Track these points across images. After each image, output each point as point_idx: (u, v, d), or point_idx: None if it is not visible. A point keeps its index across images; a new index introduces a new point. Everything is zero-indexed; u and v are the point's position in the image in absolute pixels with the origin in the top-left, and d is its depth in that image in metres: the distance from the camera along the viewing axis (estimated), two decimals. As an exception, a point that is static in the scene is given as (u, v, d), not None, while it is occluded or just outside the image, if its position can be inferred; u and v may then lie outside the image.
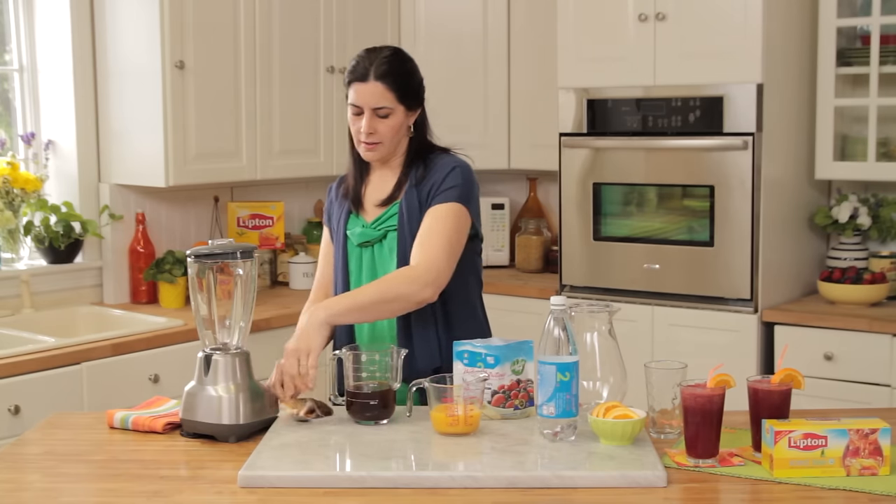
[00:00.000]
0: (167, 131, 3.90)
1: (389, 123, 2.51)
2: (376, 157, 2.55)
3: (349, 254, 2.61)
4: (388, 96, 2.49)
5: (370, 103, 2.49)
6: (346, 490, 1.93)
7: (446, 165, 2.54)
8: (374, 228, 2.57)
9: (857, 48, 4.03)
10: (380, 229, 2.56)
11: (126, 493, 1.96)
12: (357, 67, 2.51)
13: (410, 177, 2.55)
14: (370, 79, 2.48)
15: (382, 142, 2.52)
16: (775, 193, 3.91)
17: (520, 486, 1.93)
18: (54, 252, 3.97)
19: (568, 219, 4.23)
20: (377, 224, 2.57)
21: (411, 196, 2.53)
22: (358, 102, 2.50)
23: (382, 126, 2.50)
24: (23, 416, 3.20)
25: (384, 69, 2.49)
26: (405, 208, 2.52)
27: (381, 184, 2.61)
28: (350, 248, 2.60)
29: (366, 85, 2.48)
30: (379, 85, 2.48)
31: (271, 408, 2.29)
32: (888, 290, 3.91)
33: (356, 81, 2.50)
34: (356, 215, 2.61)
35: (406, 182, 2.56)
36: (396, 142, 2.55)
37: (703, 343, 3.85)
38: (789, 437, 1.95)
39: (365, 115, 2.50)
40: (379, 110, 2.49)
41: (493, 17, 4.69)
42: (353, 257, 2.60)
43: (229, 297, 2.28)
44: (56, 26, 4.02)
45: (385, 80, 2.48)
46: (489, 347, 2.29)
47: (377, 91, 2.48)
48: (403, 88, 2.51)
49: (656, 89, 3.99)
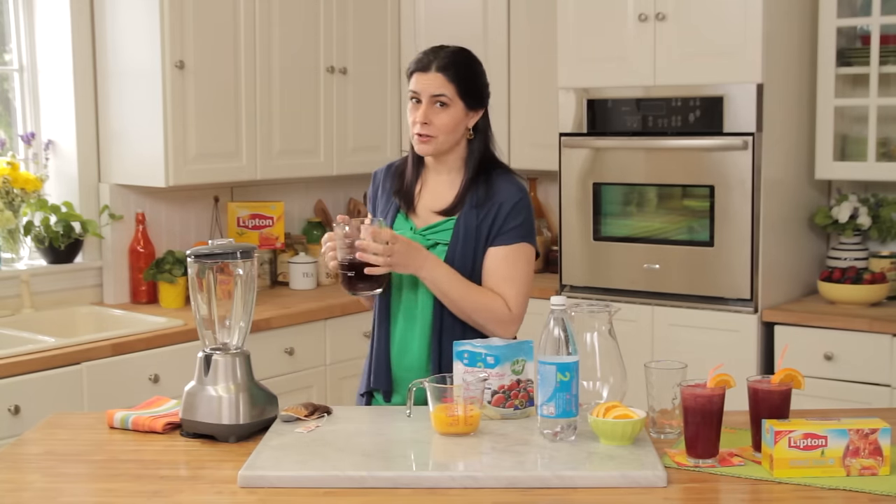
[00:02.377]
0: (167, 131, 3.90)
1: (446, 117, 2.48)
2: (430, 150, 2.51)
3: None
4: (449, 87, 2.47)
5: (429, 90, 2.47)
6: (346, 490, 1.93)
7: (512, 195, 2.51)
8: (423, 236, 2.52)
9: (857, 48, 4.03)
10: (430, 239, 2.52)
11: (126, 493, 1.96)
12: (421, 59, 2.51)
13: (471, 195, 2.51)
14: (431, 70, 2.48)
15: (437, 136, 2.48)
16: (775, 193, 3.91)
17: (520, 486, 1.93)
18: (54, 252, 3.97)
19: (568, 219, 4.23)
20: (427, 232, 2.52)
21: (470, 217, 2.49)
22: (417, 89, 2.48)
23: (438, 118, 2.47)
24: (23, 416, 3.20)
25: (447, 62, 2.48)
26: (462, 228, 2.49)
27: (438, 190, 2.56)
28: None
29: (426, 75, 2.48)
30: (439, 76, 2.47)
31: (271, 408, 2.29)
32: (888, 290, 3.91)
33: (418, 72, 2.49)
34: (405, 217, 2.56)
35: (466, 197, 2.51)
36: (453, 140, 2.51)
37: (703, 343, 3.85)
38: (789, 437, 1.95)
39: (423, 103, 2.48)
40: (438, 97, 2.47)
41: (493, 17, 4.69)
42: None
43: (229, 297, 2.28)
44: (56, 26, 4.02)
45: (447, 72, 2.48)
46: (489, 347, 2.28)
47: (437, 80, 2.47)
48: (465, 83, 2.49)
49: (656, 89, 3.99)
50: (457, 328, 2.48)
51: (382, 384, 2.53)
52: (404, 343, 2.53)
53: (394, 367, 2.53)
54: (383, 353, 2.53)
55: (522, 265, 2.51)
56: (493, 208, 2.49)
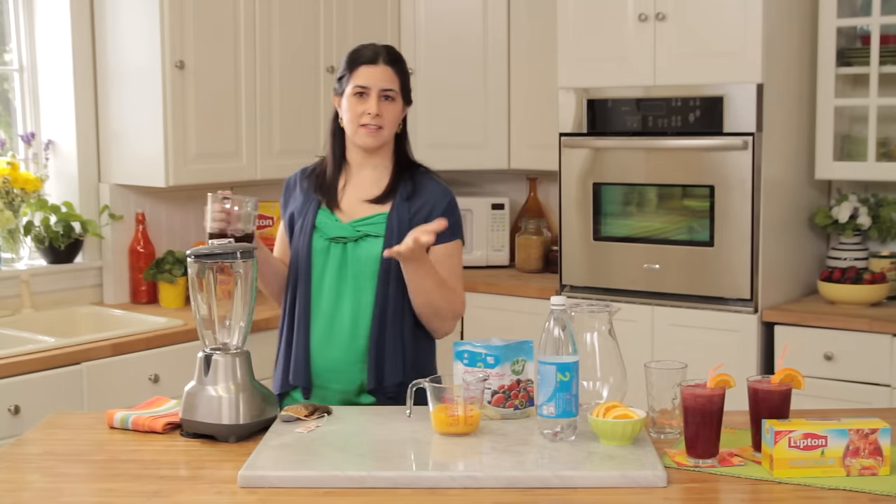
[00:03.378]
0: (167, 131, 3.90)
1: (394, 109, 2.53)
2: (377, 142, 2.54)
3: (314, 247, 2.56)
4: (395, 81, 2.53)
5: (379, 84, 2.51)
6: (346, 490, 1.93)
7: (442, 195, 2.57)
8: (353, 227, 2.54)
9: (857, 48, 4.03)
10: (359, 231, 2.53)
11: (126, 493, 1.96)
12: (365, 52, 2.54)
13: (400, 189, 2.55)
14: (380, 62, 2.52)
15: (385, 127, 2.53)
16: (775, 193, 3.91)
17: (520, 486, 1.93)
18: (54, 252, 3.97)
19: (568, 219, 4.23)
20: (357, 224, 2.54)
21: (402, 210, 2.53)
22: (367, 83, 2.50)
23: (387, 111, 2.52)
24: (23, 416, 3.20)
25: (393, 56, 2.55)
26: (396, 221, 2.51)
27: (365, 184, 2.59)
28: (317, 240, 2.55)
29: (376, 67, 2.51)
30: (388, 69, 2.52)
31: (271, 408, 2.29)
32: (888, 290, 3.91)
33: (365, 64, 2.52)
34: (330, 212, 2.58)
35: (398, 187, 2.55)
36: (393, 133, 2.57)
37: (703, 343, 3.85)
38: (789, 437, 1.95)
39: (373, 96, 2.50)
40: (387, 91, 2.51)
41: (493, 17, 4.69)
42: (319, 250, 2.55)
43: (229, 297, 2.28)
44: (56, 26, 4.02)
45: (394, 66, 2.54)
46: (489, 347, 2.29)
47: (387, 74, 2.52)
48: (405, 79, 2.57)
49: (656, 89, 3.99)
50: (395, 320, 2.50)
51: (301, 381, 2.54)
52: (328, 339, 2.53)
53: (315, 364, 2.54)
54: (302, 350, 2.54)
55: (459, 261, 2.58)
56: (426, 208, 2.53)
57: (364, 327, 2.51)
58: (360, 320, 2.51)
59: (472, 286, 4.53)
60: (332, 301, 2.53)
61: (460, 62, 4.74)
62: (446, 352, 2.62)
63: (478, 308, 4.45)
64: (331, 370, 2.52)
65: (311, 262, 2.55)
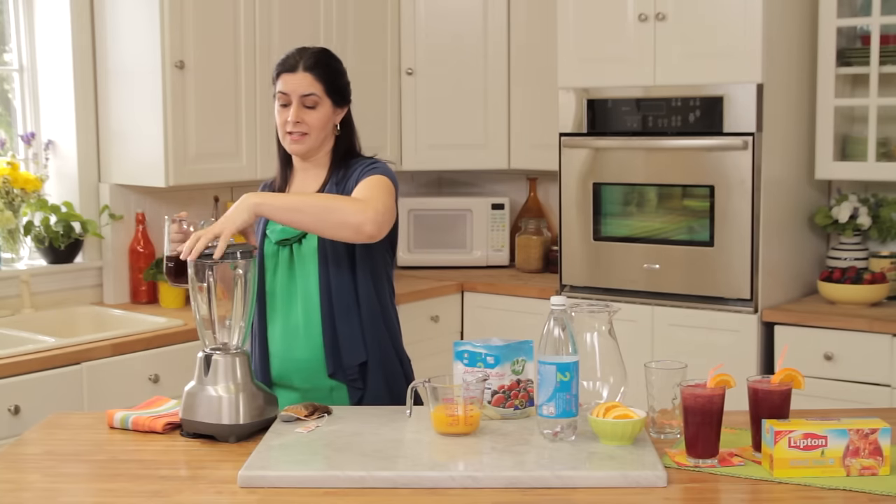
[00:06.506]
0: (167, 131, 3.90)
1: (317, 115, 2.54)
2: (302, 149, 2.56)
3: (265, 252, 2.59)
4: (317, 85, 2.53)
5: (298, 91, 2.52)
6: (346, 490, 1.93)
7: (368, 161, 2.58)
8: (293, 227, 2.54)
9: (857, 48, 4.03)
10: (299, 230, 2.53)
11: (126, 493, 1.96)
12: (287, 60, 2.56)
13: (331, 179, 2.57)
14: (299, 70, 2.53)
15: (309, 133, 2.54)
16: (775, 193, 3.91)
17: (520, 486, 1.93)
18: (54, 252, 3.97)
19: (568, 219, 4.23)
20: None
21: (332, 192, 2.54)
22: (286, 90, 2.53)
23: (309, 117, 2.53)
24: (23, 416, 3.20)
25: (312, 61, 2.55)
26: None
27: (303, 184, 2.62)
28: (267, 246, 2.59)
29: (295, 75, 2.53)
30: (308, 75, 2.53)
31: (271, 408, 2.29)
32: (888, 290, 3.91)
33: (285, 73, 2.54)
34: None
35: (328, 183, 2.57)
36: (322, 137, 2.57)
37: (703, 343, 3.86)
38: (789, 437, 1.95)
39: (293, 104, 2.53)
40: (307, 98, 2.52)
41: (493, 17, 4.69)
42: (270, 255, 2.58)
43: (229, 297, 2.28)
44: (56, 26, 4.02)
45: (314, 71, 2.54)
46: (489, 347, 2.29)
47: (306, 80, 2.52)
48: (331, 82, 2.56)
49: (656, 89, 3.99)
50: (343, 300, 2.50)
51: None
52: (288, 340, 2.55)
53: (275, 366, 2.56)
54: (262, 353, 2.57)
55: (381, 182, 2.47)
56: (352, 177, 2.53)
57: (316, 319, 2.52)
58: (312, 314, 2.53)
59: (472, 286, 4.54)
60: (286, 301, 2.56)
61: (460, 62, 4.74)
62: (446, 352, 2.62)
63: (478, 308, 4.46)
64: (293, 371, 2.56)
65: (264, 267, 2.59)
